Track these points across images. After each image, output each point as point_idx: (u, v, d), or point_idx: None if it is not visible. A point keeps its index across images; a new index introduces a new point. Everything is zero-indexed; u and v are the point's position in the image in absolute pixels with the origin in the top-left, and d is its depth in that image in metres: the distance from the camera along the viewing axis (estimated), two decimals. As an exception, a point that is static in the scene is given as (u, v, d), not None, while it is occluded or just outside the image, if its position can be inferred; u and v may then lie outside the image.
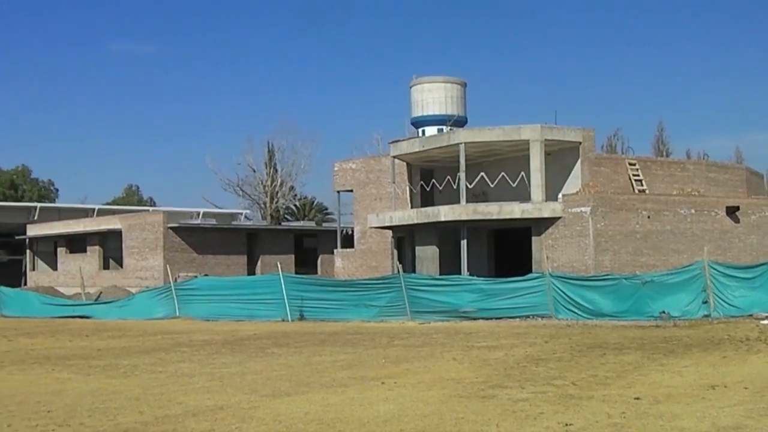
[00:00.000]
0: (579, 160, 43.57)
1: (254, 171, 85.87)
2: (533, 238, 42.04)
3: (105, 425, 13.63)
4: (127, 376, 19.86)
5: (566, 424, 12.93)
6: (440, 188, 47.54)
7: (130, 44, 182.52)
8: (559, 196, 42.20)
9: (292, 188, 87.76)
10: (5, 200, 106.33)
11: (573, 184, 43.57)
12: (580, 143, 43.43)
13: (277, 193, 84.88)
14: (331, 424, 13.28)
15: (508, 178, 43.62)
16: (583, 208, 40.38)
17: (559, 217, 40.94)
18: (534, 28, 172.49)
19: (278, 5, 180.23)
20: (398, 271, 37.46)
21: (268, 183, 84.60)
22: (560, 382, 17.16)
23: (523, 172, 42.94)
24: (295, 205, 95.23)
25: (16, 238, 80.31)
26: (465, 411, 14.11)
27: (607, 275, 35.76)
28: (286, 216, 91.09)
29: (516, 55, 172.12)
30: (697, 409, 14.14)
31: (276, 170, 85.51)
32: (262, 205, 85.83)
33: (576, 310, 33.72)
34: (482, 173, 44.57)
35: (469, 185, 43.14)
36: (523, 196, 42.70)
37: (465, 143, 42.46)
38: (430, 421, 13.30)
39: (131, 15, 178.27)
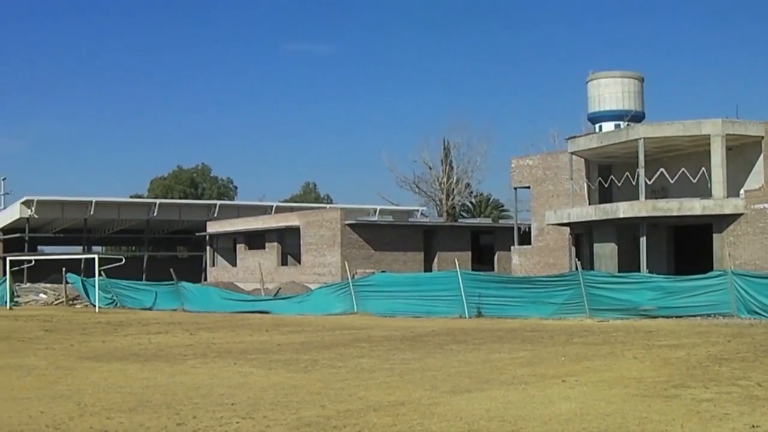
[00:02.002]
0: (762, 155, 42.50)
1: (430, 168, 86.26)
2: (714, 235, 41.25)
3: (288, 419, 13.78)
4: (307, 371, 20.06)
5: (753, 426, 12.66)
6: (618, 184, 46.98)
7: (306, 44, 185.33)
8: (741, 192, 41.31)
9: (468, 185, 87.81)
10: (186, 198, 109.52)
11: (755, 179, 42.55)
12: (763, 137, 42.34)
13: (453, 190, 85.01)
14: (512, 421, 13.25)
15: (688, 174, 42.90)
16: (766, 205, 39.42)
17: (741, 214, 40.09)
18: (712, 22, 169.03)
19: (452, 5, 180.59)
20: (577, 269, 37.16)
21: (444, 180, 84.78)
22: (745, 383, 16.79)
23: (703, 168, 42.16)
24: (471, 202, 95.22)
25: (197, 234, 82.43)
26: (648, 411, 13.93)
27: (792, 274, 34.84)
28: (461, 213, 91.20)
29: (694, 49, 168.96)
30: None
31: (452, 167, 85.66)
32: (438, 202, 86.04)
33: (759, 310, 32.85)
34: (661, 169, 43.92)
35: (648, 181, 42.55)
36: (704, 192, 41.91)
37: (644, 139, 41.87)
38: (613, 420, 13.18)
39: (307, 16, 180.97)
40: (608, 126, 51.97)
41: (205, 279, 76.35)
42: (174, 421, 13.73)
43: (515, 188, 56.36)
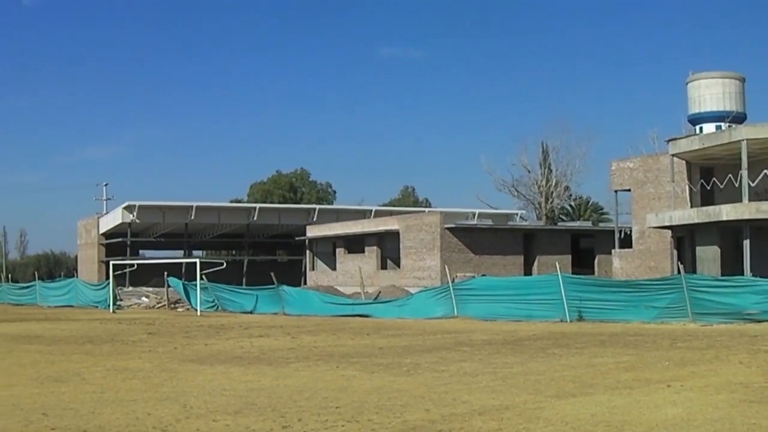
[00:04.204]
0: None
1: (529, 171, 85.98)
2: (820, 238, 40.59)
3: (392, 422, 13.76)
4: (410, 374, 20.05)
5: None
6: (721, 186, 46.35)
7: (402, 49, 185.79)
8: None
9: (567, 188, 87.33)
10: (285, 203, 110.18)
11: None
12: None
13: (552, 193, 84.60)
14: (618, 426, 13.10)
15: (792, 176, 42.28)
16: None
17: None
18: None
19: (551, 7, 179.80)
20: (679, 272, 36.72)
21: (543, 183, 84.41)
22: None
23: (808, 169, 41.52)
24: (571, 205, 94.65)
25: (296, 239, 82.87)
26: (757, 416, 13.69)
27: None
28: (561, 216, 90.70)
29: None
30: None
31: (551, 170, 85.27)
32: (537, 206, 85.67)
33: None
34: (765, 171, 43.26)
35: (751, 183, 41.93)
36: (809, 194, 41.26)
37: (747, 140, 41.30)
38: (721, 426, 12.96)
39: (401, 20, 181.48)
40: (709, 127, 51.34)
41: (305, 283, 76.80)
42: (279, 423, 13.80)
43: (615, 191, 55.96)
